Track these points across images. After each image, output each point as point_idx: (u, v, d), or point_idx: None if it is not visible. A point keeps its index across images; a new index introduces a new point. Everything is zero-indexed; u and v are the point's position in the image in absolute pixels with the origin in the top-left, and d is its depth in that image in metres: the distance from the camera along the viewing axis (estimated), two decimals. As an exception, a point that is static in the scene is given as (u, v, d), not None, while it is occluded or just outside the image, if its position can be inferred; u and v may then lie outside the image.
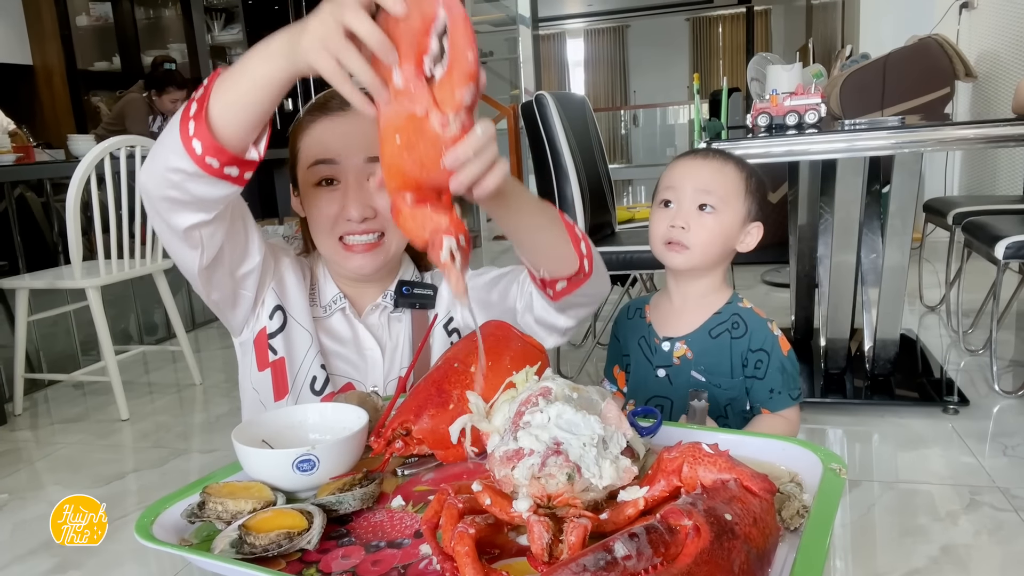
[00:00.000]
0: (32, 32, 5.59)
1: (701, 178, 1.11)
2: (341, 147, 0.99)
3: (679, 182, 1.12)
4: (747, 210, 1.12)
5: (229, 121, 0.74)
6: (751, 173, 1.14)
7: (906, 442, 2.16)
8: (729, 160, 1.13)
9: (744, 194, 1.12)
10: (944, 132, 2.13)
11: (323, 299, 1.08)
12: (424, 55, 0.62)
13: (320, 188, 1.00)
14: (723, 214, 1.10)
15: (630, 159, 11.02)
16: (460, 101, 0.62)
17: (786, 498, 0.63)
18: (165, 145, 0.77)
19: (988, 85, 4.27)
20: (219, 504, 0.67)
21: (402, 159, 0.64)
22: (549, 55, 12.09)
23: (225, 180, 0.77)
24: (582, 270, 0.90)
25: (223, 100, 0.74)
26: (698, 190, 1.10)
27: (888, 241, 2.32)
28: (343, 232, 1.00)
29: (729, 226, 1.11)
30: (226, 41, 6.10)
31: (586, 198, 2.56)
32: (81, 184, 2.51)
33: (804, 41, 7.51)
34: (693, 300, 1.16)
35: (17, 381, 2.79)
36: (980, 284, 3.07)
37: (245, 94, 0.73)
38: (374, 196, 0.99)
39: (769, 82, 2.58)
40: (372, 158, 0.98)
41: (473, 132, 0.63)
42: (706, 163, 1.13)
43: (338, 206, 0.99)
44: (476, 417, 0.71)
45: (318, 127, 1.01)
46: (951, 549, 1.61)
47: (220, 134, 0.74)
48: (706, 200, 1.10)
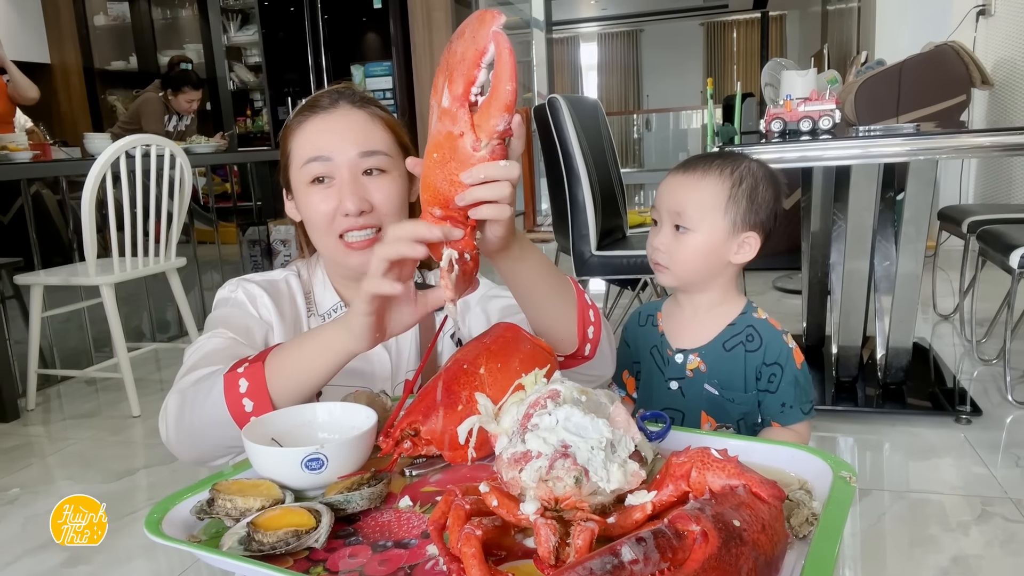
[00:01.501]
0: (50, 31, 5.65)
1: (675, 198, 1.10)
2: (333, 143, 0.98)
3: (659, 202, 1.12)
4: (732, 221, 1.07)
5: (289, 398, 0.80)
6: (740, 179, 1.08)
7: (918, 451, 2.14)
8: (709, 171, 1.09)
9: (725, 205, 1.07)
10: (959, 140, 2.11)
11: (321, 307, 1.07)
12: (472, 83, 0.67)
13: (314, 186, 0.99)
14: (698, 233, 1.08)
15: (642, 163, 11.00)
16: (493, 127, 0.67)
17: (795, 505, 0.62)
18: (215, 432, 0.81)
19: (1005, 93, 4.24)
20: (228, 501, 0.67)
21: (434, 174, 0.70)
22: (562, 59, 12.10)
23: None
24: (580, 352, 0.89)
25: (283, 379, 0.79)
26: (671, 211, 1.09)
27: (902, 249, 2.30)
28: (342, 229, 0.99)
29: (707, 243, 1.08)
30: (242, 41, 6.15)
31: (597, 201, 2.56)
32: (97, 182, 2.53)
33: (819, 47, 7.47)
34: (704, 310, 1.14)
35: (30, 377, 2.81)
36: (994, 293, 3.04)
37: (308, 385, 0.80)
38: (369, 189, 0.98)
39: (783, 87, 2.57)
40: (365, 152, 0.98)
41: (497, 162, 0.68)
42: (683, 179, 1.10)
43: (334, 202, 0.98)
44: (485, 419, 0.71)
45: (308, 126, 1.00)
46: (962, 560, 1.60)
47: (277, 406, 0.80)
48: (679, 221, 1.09)
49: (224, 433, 0.79)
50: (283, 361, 0.79)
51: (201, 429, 0.82)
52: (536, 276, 0.84)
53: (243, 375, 0.79)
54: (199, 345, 0.93)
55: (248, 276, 1.07)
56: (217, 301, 1.04)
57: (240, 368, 0.80)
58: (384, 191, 0.99)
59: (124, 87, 6.08)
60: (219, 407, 0.78)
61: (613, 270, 2.55)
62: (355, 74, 5.00)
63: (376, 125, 1.01)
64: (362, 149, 0.98)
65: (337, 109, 1.00)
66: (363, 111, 1.01)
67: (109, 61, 6.07)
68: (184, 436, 0.84)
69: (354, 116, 1.00)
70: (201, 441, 0.84)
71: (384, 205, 0.99)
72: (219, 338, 0.94)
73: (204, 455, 0.86)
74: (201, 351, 0.91)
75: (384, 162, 1.00)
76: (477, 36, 0.66)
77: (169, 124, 4.83)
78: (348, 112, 1.00)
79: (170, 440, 0.86)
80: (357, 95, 1.03)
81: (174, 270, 2.98)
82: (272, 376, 0.78)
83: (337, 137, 0.98)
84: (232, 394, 0.78)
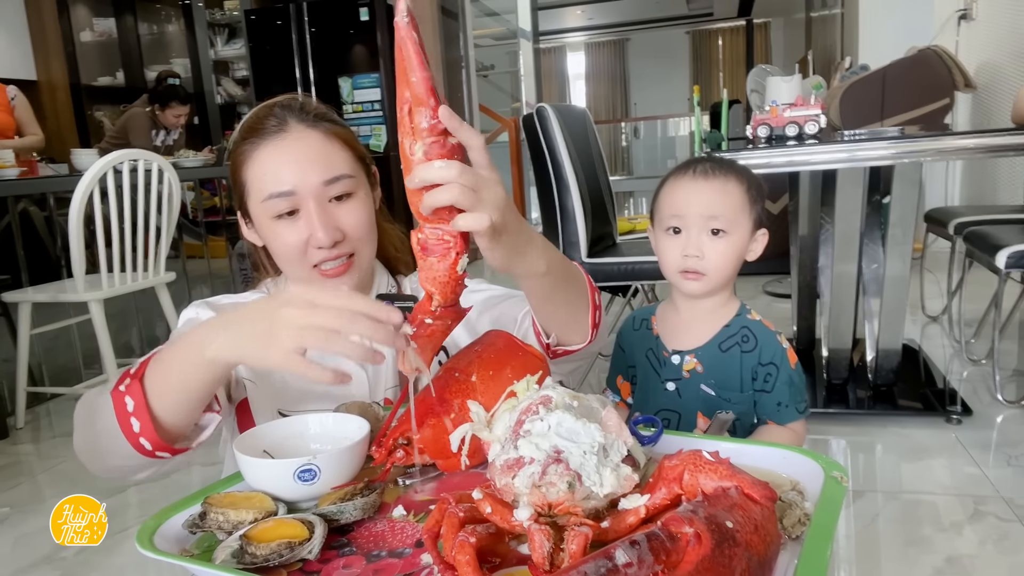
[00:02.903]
0: (36, 47, 5.63)
1: (707, 202, 1.09)
2: (294, 174, 0.92)
3: (685, 209, 1.10)
4: (753, 221, 1.11)
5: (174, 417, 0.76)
6: (751, 182, 1.12)
7: (909, 452, 2.15)
8: (730, 174, 1.11)
9: (749, 207, 1.10)
10: (944, 142, 2.13)
11: None
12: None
13: (280, 220, 0.94)
14: (734, 234, 1.09)
15: (631, 171, 11.06)
16: (417, 125, 0.63)
17: (787, 506, 0.63)
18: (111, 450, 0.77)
19: (987, 96, 4.28)
20: (220, 514, 0.67)
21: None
22: (550, 68, 12.16)
23: (156, 459, 0.79)
24: (590, 340, 0.88)
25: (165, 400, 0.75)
26: (705, 216, 1.08)
27: (889, 251, 2.32)
28: (316, 260, 0.94)
29: (741, 244, 1.10)
30: (229, 55, 6.16)
31: (587, 209, 2.57)
32: (84, 198, 2.52)
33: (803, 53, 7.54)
34: (703, 313, 1.15)
35: (19, 394, 2.79)
36: (982, 294, 3.07)
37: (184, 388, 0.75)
38: (338, 217, 0.94)
39: (769, 93, 2.59)
40: (329, 180, 0.93)
41: (431, 163, 0.64)
42: (709, 184, 1.10)
43: (304, 233, 0.93)
44: (477, 426, 0.71)
45: (263, 155, 0.94)
46: (956, 560, 1.61)
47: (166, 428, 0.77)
48: (715, 225, 1.08)
49: (120, 450, 0.76)
50: (158, 374, 0.76)
51: (101, 443, 0.79)
52: (555, 282, 0.81)
53: (127, 392, 0.75)
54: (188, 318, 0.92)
55: (214, 299, 1.03)
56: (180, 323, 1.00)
57: (123, 385, 0.76)
58: (354, 216, 0.95)
59: (111, 103, 6.06)
60: (112, 425, 0.75)
61: (604, 277, 2.56)
62: (343, 86, 5.00)
63: (334, 145, 0.95)
64: (325, 177, 0.93)
65: (289, 132, 0.93)
66: (316, 131, 0.95)
67: (96, 77, 6.05)
68: (88, 448, 0.81)
69: (309, 139, 0.94)
70: (103, 456, 0.80)
71: (356, 231, 0.95)
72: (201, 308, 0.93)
73: (109, 469, 0.82)
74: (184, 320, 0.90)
75: (349, 185, 0.95)
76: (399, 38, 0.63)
77: (157, 139, 4.82)
78: (302, 135, 0.94)
79: (77, 448, 0.83)
80: (307, 111, 0.97)
81: (163, 285, 2.97)
82: (151, 392, 0.75)
83: (297, 167, 0.92)
84: (121, 412, 0.75)
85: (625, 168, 11.16)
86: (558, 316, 0.86)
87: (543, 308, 0.85)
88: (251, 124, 0.97)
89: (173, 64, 6.18)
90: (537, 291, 0.82)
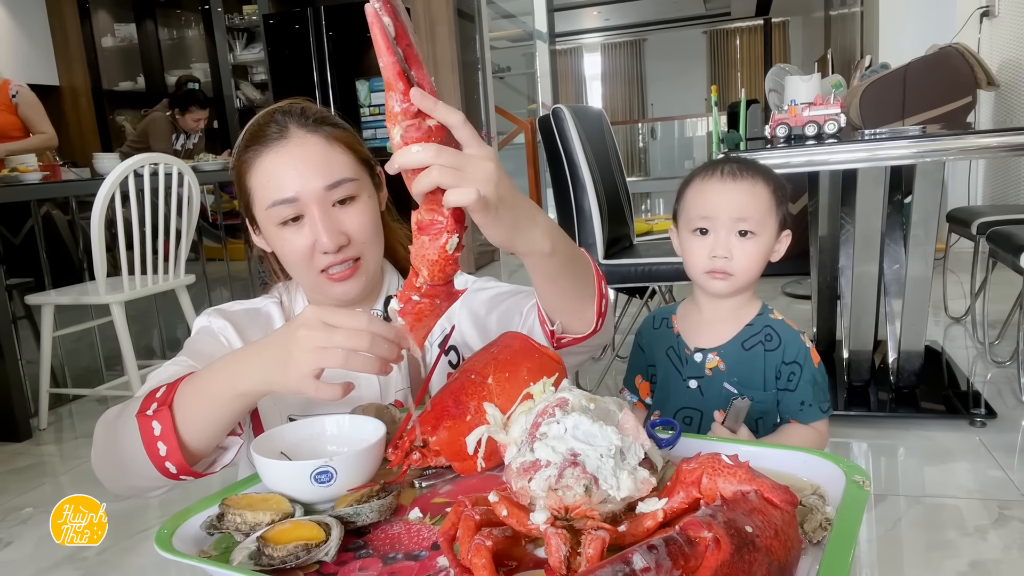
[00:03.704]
0: (59, 53, 5.71)
1: (737, 205, 1.09)
2: (296, 181, 0.92)
3: (713, 210, 1.10)
4: (779, 222, 1.12)
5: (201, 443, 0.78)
6: (776, 183, 1.13)
7: (932, 455, 2.12)
8: (758, 176, 1.11)
9: (776, 208, 1.11)
10: (966, 140, 2.10)
11: None
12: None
13: (285, 227, 0.94)
14: (762, 236, 1.10)
15: (648, 172, 11.01)
16: (391, 110, 0.64)
17: (808, 511, 0.62)
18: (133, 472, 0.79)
19: (1011, 94, 4.22)
20: (238, 516, 0.67)
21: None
22: (566, 69, 12.14)
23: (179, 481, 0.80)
24: (595, 330, 0.88)
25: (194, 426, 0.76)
26: (735, 218, 1.09)
27: (911, 252, 2.29)
28: (322, 265, 0.94)
29: (768, 245, 1.11)
30: (248, 60, 6.21)
31: (604, 210, 2.56)
32: (106, 201, 2.55)
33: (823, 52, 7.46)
34: (725, 312, 1.15)
35: (42, 396, 2.82)
36: (1006, 295, 3.02)
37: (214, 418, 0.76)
38: (343, 221, 0.94)
39: (787, 93, 2.57)
40: (331, 185, 0.93)
41: (408, 147, 0.64)
42: (738, 186, 1.10)
43: (309, 239, 0.93)
44: (493, 428, 0.71)
45: (265, 163, 0.94)
46: (980, 565, 1.58)
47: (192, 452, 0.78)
48: (744, 227, 1.09)
49: (143, 472, 0.78)
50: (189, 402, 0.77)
51: (123, 465, 0.80)
52: (562, 263, 0.80)
53: (154, 417, 0.76)
54: (160, 370, 0.91)
55: (225, 306, 1.03)
56: (194, 330, 1.01)
57: (150, 409, 0.77)
58: (358, 219, 0.95)
59: (132, 107, 6.13)
60: (136, 448, 0.77)
61: (621, 278, 2.55)
62: (360, 89, 5.03)
63: (335, 149, 0.95)
64: (327, 182, 0.93)
65: (290, 139, 0.94)
66: (317, 136, 0.95)
67: (117, 82, 6.13)
68: (108, 468, 0.83)
69: (310, 144, 0.94)
70: (123, 476, 0.82)
71: (360, 234, 0.95)
72: (178, 365, 0.91)
73: (129, 488, 0.84)
74: (159, 377, 0.89)
75: (352, 188, 0.95)
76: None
77: (177, 143, 4.87)
78: (303, 141, 0.94)
79: (96, 467, 0.84)
80: (306, 115, 0.97)
81: (183, 287, 3.00)
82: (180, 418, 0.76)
83: (298, 173, 0.92)
84: (147, 436, 0.76)
85: (642, 169, 11.12)
86: (564, 300, 0.85)
87: (548, 290, 0.84)
88: (253, 131, 0.97)
89: (193, 69, 6.24)
90: (542, 271, 0.80)
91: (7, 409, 2.70)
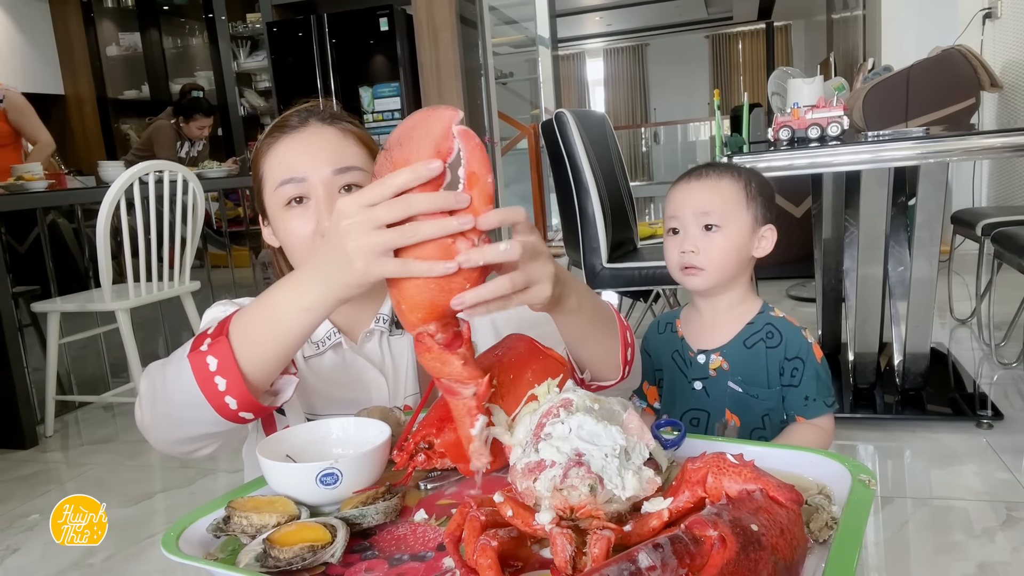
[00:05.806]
0: (64, 62, 5.75)
1: (698, 199, 1.14)
2: (306, 162, 0.95)
3: (679, 209, 1.15)
4: (753, 216, 1.13)
5: (264, 372, 0.73)
6: (749, 179, 1.15)
7: (939, 458, 2.11)
8: (723, 173, 1.15)
9: (746, 201, 1.13)
10: (970, 141, 2.10)
11: (315, 334, 1.01)
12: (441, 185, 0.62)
13: (290, 209, 0.95)
14: (728, 228, 1.12)
15: (651, 176, 11.00)
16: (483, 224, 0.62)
17: (814, 510, 0.62)
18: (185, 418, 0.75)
19: (1014, 95, 4.21)
20: (244, 518, 0.67)
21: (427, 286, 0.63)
22: (569, 75, 12.16)
23: (238, 422, 0.75)
24: (623, 376, 0.88)
25: (256, 354, 0.72)
26: (698, 212, 1.13)
27: (916, 253, 2.28)
28: None
29: (738, 237, 1.13)
30: (252, 67, 6.24)
31: (607, 215, 2.56)
32: (111, 209, 2.56)
33: (825, 55, 7.47)
34: (723, 312, 1.17)
35: (49, 403, 2.83)
36: (1012, 296, 3.01)
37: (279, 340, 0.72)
38: None
39: (790, 96, 2.57)
40: (340, 169, 0.94)
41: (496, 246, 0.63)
42: (700, 183, 1.16)
43: (312, 223, 0.94)
44: (498, 430, 0.71)
45: (279, 147, 0.97)
46: (988, 567, 1.57)
47: (251, 382, 0.73)
48: (708, 220, 1.12)
49: (199, 416, 0.74)
50: (248, 329, 0.73)
51: (176, 413, 0.76)
52: (588, 319, 0.81)
53: (209, 352, 0.72)
54: (213, 316, 0.91)
55: (239, 300, 1.03)
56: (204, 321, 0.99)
57: (203, 345, 0.73)
58: None
59: (137, 115, 6.16)
60: (191, 390, 0.72)
61: (625, 282, 2.55)
62: (364, 96, 5.04)
63: (348, 140, 0.98)
64: (336, 166, 0.95)
65: (307, 128, 0.97)
66: (334, 127, 0.98)
67: (122, 90, 6.16)
68: (159, 422, 0.79)
69: (325, 133, 0.97)
70: (176, 427, 0.78)
71: None
72: (227, 305, 0.92)
73: (180, 441, 0.80)
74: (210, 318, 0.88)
75: (360, 177, 0.96)
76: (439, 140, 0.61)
77: (181, 150, 4.89)
78: (319, 130, 0.97)
79: (144, 425, 0.80)
80: (327, 112, 1.00)
81: (188, 294, 3.00)
82: (240, 348, 0.72)
83: (309, 156, 0.95)
84: (202, 374, 0.72)
85: (645, 173, 11.12)
86: (592, 352, 0.86)
87: (577, 343, 0.84)
88: (278, 123, 1.00)
89: (197, 77, 6.27)
90: (570, 326, 0.81)
91: (13, 416, 2.70)
